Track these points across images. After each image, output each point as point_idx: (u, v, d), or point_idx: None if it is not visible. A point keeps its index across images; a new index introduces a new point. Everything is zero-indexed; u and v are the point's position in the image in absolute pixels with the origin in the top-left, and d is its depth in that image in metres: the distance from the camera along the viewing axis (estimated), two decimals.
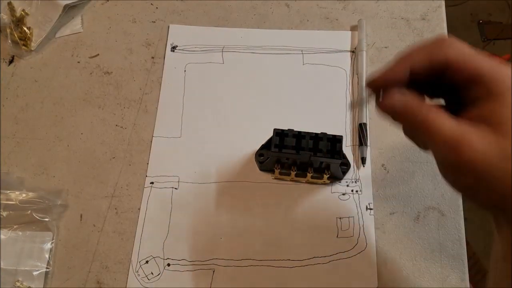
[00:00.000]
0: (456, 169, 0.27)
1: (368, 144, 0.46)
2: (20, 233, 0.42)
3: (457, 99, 0.29)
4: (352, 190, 0.44)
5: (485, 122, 0.26)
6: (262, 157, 0.44)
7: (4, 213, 0.43)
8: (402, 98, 0.28)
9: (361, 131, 0.46)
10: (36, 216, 0.43)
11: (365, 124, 0.46)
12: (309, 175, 0.42)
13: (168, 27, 0.53)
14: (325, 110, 0.48)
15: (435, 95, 0.30)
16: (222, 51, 0.51)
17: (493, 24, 1.43)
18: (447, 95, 0.30)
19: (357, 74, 0.49)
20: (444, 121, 0.27)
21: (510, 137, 0.25)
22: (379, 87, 0.29)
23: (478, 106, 0.27)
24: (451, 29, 0.54)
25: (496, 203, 0.28)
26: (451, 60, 0.27)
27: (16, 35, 0.51)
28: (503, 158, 0.26)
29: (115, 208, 0.44)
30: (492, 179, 0.26)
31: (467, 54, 0.27)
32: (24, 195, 0.44)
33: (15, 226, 0.43)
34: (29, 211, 0.43)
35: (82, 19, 0.54)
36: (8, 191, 0.44)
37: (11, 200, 0.43)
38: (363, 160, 0.45)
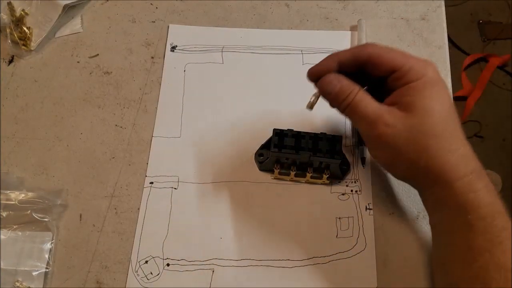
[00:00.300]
0: (376, 143, 0.35)
1: None
2: (20, 233, 0.42)
3: (382, 88, 0.36)
4: (351, 190, 0.44)
5: (397, 104, 0.34)
6: (261, 157, 0.44)
7: (4, 213, 0.43)
8: (338, 77, 0.36)
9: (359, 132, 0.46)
10: (36, 216, 0.43)
11: None
12: (308, 175, 0.42)
13: (168, 27, 0.53)
14: (325, 110, 0.48)
15: (363, 86, 0.37)
16: (222, 51, 0.51)
17: (493, 24, 1.43)
18: (373, 86, 0.37)
19: None
20: (367, 104, 0.34)
21: (416, 115, 0.32)
22: (315, 76, 0.37)
23: (394, 93, 0.35)
24: (451, 29, 0.54)
25: (409, 173, 0.35)
26: (371, 55, 0.35)
27: (16, 35, 0.51)
28: (408, 130, 0.33)
29: (115, 208, 0.44)
30: (401, 148, 0.33)
31: (383, 50, 0.35)
32: (24, 195, 0.44)
33: (15, 226, 0.43)
34: (29, 211, 0.43)
35: (82, 19, 0.54)
36: (8, 191, 0.44)
37: (11, 200, 0.43)
38: (363, 160, 0.45)
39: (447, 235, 0.35)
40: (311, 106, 0.37)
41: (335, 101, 0.36)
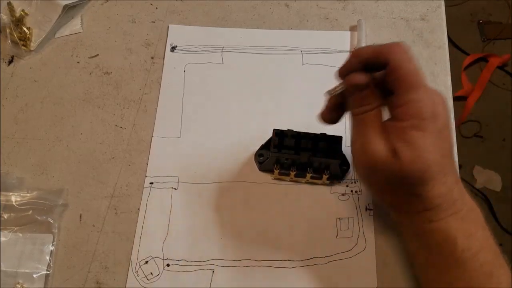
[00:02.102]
0: (359, 162, 0.34)
1: None
2: (21, 234, 0.42)
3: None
4: (351, 191, 0.44)
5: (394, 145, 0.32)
6: (261, 158, 0.44)
7: (5, 215, 0.43)
8: (364, 77, 0.33)
9: None
10: (37, 216, 0.43)
11: None
12: (308, 175, 0.42)
13: (168, 27, 0.53)
14: None
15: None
16: (222, 51, 0.51)
17: (493, 24, 1.43)
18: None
19: None
20: (373, 129, 0.33)
21: (404, 161, 0.31)
22: (342, 75, 0.34)
23: (394, 128, 0.32)
24: (451, 29, 0.54)
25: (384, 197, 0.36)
26: (391, 60, 0.32)
27: (15, 35, 0.51)
28: (395, 173, 0.32)
29: (115, 208, 0.44)
30: (381, 182, 0.34)
31: (405, 59, 0.32)
32: (24, 195, 0.44)
33: (15, 228, 0.43)
34: (29, 212, 0.43)
35: (81, 19, 0.54)
36: (8, 192, 0.44)
37: (11, 201, 0.43)
38: None
39: (417, 259, 0.36)
40: (331, 93, 0.36)
41: (352, 103, 0.35)
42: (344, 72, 0.34)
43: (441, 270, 0.33)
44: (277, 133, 0.41)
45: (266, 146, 0.44)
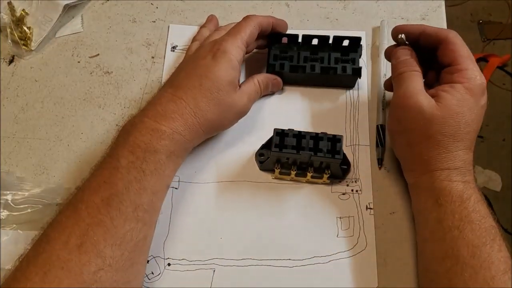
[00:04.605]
0: (401, 111, 0.39)
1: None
2: (21, 232, 0.42)
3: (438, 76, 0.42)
4: (352, 190, 0.44)
5: (436, 95, 0.38)
6: (262, 157, 0.44)
7: (4, 213, 0.43)
8: (410, 52, 0.41)
9: (378, 133, 0.46)
10: (37, 215, 0.43)
11: (382, 126, 0.46)
12: (309, 174, 0.42)
13: (168, 27, 0.53)
14: (326, 110, 0.48)
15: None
16: None
17: (493, 24, 1.43)
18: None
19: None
20: (413, 82, 0.38)
21: (443, 110, 0.36)
22: (398, 33, 0.42)
23: (440, 85, 0.39)
24: (451, 29, 0.54)
25: (408, 149, 0.40)
26: (449, 39, 0.39)
27: (16, 35, 0.51)
28: (429, 117, 0.37)
29: None
30: (414, 125, 0.38)
31: (459, 41, 0.39)
32: (24, 195, 0.44)
33: (15, 226, 0.43)
34: (30, 210, 0.43)
35: (82, 19, 0.54)
36: (8, 191, 0.44)
37: (11, 200, 0.43)
38: (380, 162, 0.45)
39: (421, 215, 0.39)
40: (398, 40, 0.42)
41: (395, 67, 0.41)
42: (400, 30, 0.42)
43: (450, 228, 0.35)
44: (278, 132, 0.41)
45: (266, 146, 0.44)
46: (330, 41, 0.47)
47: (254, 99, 0.45)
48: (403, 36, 0.41)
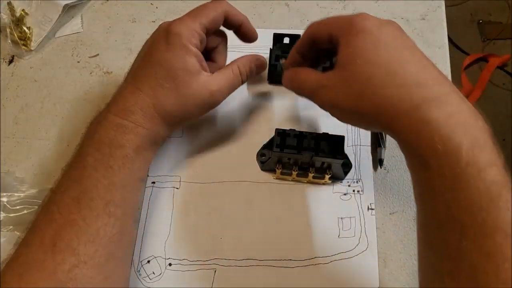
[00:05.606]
0: (329, 109, 0.35)
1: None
2: (18, 234, 0.42)
3: None
4: (353, 190, 0.44)
5: (335, 68, 0.33)
6: (263, 157, 0.44)
7: (4, 214, 0.43)
8: (291, 71, 0.39)
9: (379, 133, 0.46)
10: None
11: None
12: (310, 175, 0.42)
13: None
14: None
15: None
16: None
17: (493, 24, 1.43)
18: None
19: None
20: (308, 75, 0.36)
21: (344, 66, 0.32)
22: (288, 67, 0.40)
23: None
24: (451, 29, 0.54)
25: (368, 123, 0.33)
26: (312, 30, 0.36)
27: (16, 35, 0.51)
28: (342, 85, 0.32)
29: None
30: (344, 105, 0.33)
31: (321, 21, 0.35)
32: (20, 196, 0.44)
33: (12, 227, 0.43)
34: (26, 212, 0.43)
35: (82, 19, 0.54)
36: (5, 193, 0.43)
37: (11, 200, 0.43)
38: (381, 162, 0.44)
39: (412, 177, 0.32)
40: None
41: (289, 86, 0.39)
42: (287, 67, 0.40)
43: (437, 192, 0.28)
44: (279, 132, 0.41)
45: (268, 146, 0.44)
46: None
47: (229, 88, 0.40)
48: (283, 61, 0.40)
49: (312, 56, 0.38)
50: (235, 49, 0.51)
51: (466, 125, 0.28)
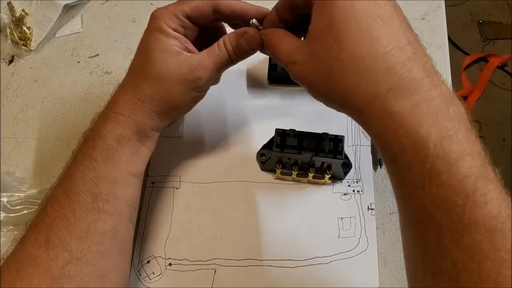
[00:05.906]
0: (300, 83, 0.32)
1: None
2: (18, 234, 0.42)
3: None
4: (353, 190, 0.44)
5: (306, 38, 0.31)
6: (263, 157, 0.44)
7: (4, 214, 0.43)
8: (267, 33, 0.35)
9: None
10: None
11: None
12: (310, 175, 0.42)
13: None
14: (327, 110, 0.48)
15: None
16: None
17: (493, 24, 1.43)
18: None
19: None
20: (282, 43, 0.33)
21: (312, 39, 0.29)
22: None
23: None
24: (451, 29, 0.54)
25: (338, 103, 0.30)
26: None
27: (16, 35, 0.51)
28: (311, 59, 0.29)
29: None
30: (311, 81, 0.30)
31: None
32: (20, 196, 0.44)
33: (12, 227, 0.43)
34: (26, 212, 0.43)
35: (82, 19, 0.54)
36: (5, 193, 0.43)
37: (11, 200, 0.43)
38: (381, 162, 0.44)
39: (387, 173, 0.30)
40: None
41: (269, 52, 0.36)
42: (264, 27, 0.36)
43: (410, 190, 0.26)
44: (279, 132, 0.41)
45: (268, 146, 0.44)
46: None
47: (215, 64, 0.36)
48: (254, 21, 0.36)
49: (294, 19, 0.35)
50: None
51: (435, 115, 0.25)
